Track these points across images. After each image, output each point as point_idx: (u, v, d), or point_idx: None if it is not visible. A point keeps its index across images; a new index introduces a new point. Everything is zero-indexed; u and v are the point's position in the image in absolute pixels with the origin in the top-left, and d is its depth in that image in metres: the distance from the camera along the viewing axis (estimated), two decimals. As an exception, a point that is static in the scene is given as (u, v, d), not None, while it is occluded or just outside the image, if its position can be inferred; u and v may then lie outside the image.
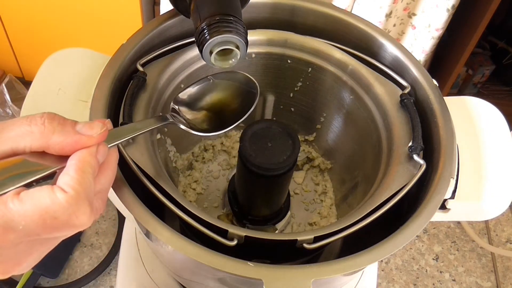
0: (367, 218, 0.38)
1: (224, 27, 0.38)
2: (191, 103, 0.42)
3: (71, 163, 0.29)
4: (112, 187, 0.36)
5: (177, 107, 0.41)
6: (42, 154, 0.29)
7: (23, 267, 0.29)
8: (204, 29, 0.39)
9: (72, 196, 0.27)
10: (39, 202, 0.26)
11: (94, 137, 0.30)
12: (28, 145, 0.28)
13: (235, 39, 0.39)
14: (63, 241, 0.30)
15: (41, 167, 0.29)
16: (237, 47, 0.40)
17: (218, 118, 0.42)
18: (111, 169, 0.33)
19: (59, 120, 0.29)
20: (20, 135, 0.28)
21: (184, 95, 0.42)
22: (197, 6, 0.40)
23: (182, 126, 0.40)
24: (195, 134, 0.40)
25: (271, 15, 0.54)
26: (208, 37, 0.38)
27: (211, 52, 0.40)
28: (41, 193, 0.26)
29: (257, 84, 0.43)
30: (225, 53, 0.40)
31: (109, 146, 0.32)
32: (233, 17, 0.39)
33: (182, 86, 0.50)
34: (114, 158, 0.34)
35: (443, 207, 0.45)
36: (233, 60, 0.41)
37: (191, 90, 0.43)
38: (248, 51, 0.42)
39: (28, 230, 0.26)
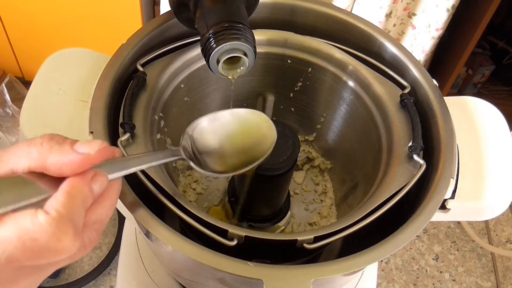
0: (367, 218, 0.38)
1: (232, 34, 0.37)
2: (203, 139, 0.39)
3: (61, 187, 0.28)
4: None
5: (189, 142, 0.38)
6: (42, 176, 0.28)
7: None
8: (210, 37, 0.37)
9: (53, 217, 0.26)
10: (19, 225, 0.25)
11: (91, 156, 0.29)
12: (27, 165, 0.28)
13: (243, 46, 0.37)
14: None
15: (34, 192, 0.27)
16: (245, 55, 0.38)
17: (230, 157, 0.40)
18: (111, 201, 0.31)
19: (58, 139, 0.29)
20: (19, 155, 0.28)
21: (197, 130, 0.39)
22: (203, 14, 0.39)
23: (192, 164, 0.37)
24: (207, 175, 0.38)
25: (271, 15, 0.54)
26: (214, 45, 0.37)
27: (218, 61, 0.38)
28: (24, 216, 0.26)
29: (275, 131, 0.40)
30: (233, 62, 0.39)
31: (111, 177, 0.30)
32: (242, 25, 0.37)
33: (182, 86, 0.50)
34: (116, 190, 0.32)
35: (443, 207, 0.45)
36: (241, 68, 0.39)
37: (205, 125, 0.40)
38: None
39: (8, 254, 0.25)
